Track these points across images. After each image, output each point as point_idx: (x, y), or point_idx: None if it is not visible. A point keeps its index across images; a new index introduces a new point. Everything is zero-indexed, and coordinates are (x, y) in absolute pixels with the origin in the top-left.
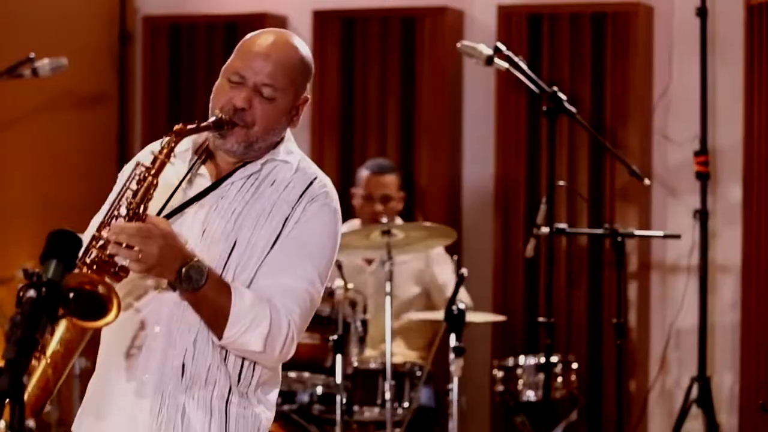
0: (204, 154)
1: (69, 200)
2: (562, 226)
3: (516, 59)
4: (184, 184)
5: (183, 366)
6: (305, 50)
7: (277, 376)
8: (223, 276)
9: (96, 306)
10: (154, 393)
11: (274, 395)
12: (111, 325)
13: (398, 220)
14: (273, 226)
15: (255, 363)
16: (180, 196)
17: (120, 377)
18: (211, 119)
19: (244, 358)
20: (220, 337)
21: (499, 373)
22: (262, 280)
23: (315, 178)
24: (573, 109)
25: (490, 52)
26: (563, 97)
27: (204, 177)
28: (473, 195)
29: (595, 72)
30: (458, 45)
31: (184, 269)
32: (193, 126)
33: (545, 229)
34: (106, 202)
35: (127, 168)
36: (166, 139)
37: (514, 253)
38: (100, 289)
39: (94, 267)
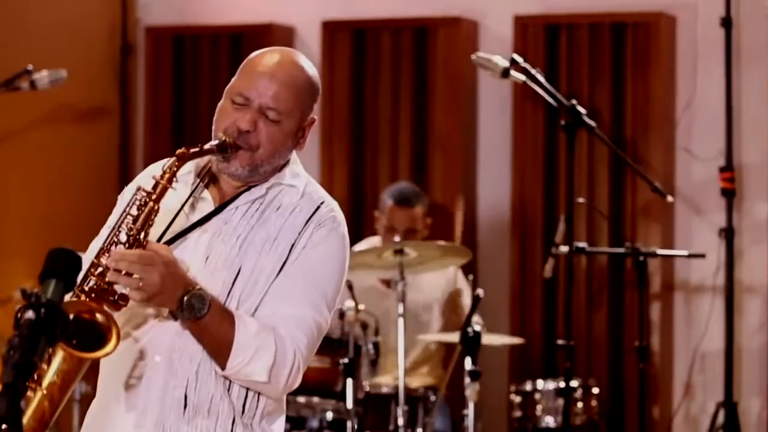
0: (207, 178)
1: (68, 217)
2: (582, 245)
3: (533, 71)
4: (186, 209)
5: (185, 397)
6: (312, 70)
7: (282, 405)
8: (227, 304)
9: (94, 336)
10: (155, 425)
11: (279, 425)
12: (110, 356)
13: None
14: (279, 252)
15: (259, 393)
16: (182, 221)
17: (119, 409)
18: (215, 142)
19: (248, 388)
20: (223, 368)
21: (517, 398)
22: (267, 308)
23: (322, 203)
24: (592, 123)
25: (506, 64)
26: (582, 110)
27: (207, 201)
28: (489, 213)
29: (616, 84)
30: (473, 57)
31: (185, 298)
32: (197, 149)
33: (564, 248)
34: (105, 226)
35: (127, 191)
36: (168, 163)
37: (532, 273)
38: (99, 318)
39: (93, 295)
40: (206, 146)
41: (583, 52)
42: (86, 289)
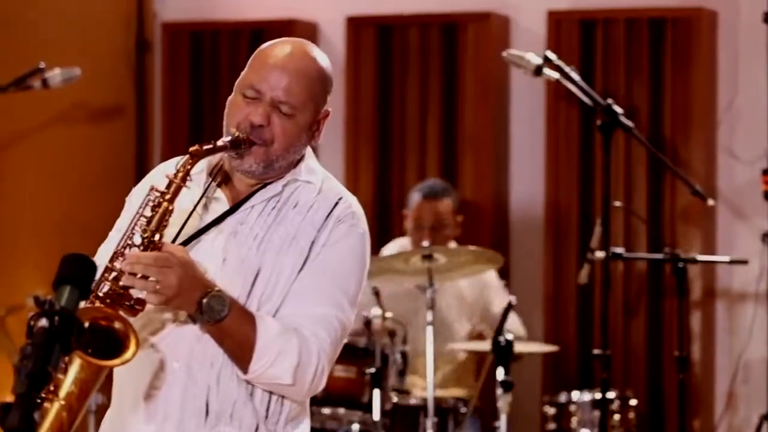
0: (219, 176)
1: (83, 221)
2: (619, 250)
3: (567, 69)
4: (199, 209)
5: (206, 404)
6: (324, 61)
7: (306, 409)
8: (247, 306)
9: (112, 343)
10: None
11: (304, 429)
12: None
13: (451, 244)
14: (298, 251)
15: (283, 397)
16: (195, 222)
17: (138, 418)
18: (228, 138)
19: (271, 393)
20: (245, 371)
21: (551, 410)
22: (289, 309)
23: (340, 199)
24: (630, 124)
25: (539, 61)
26: (619, 110)
27: (221, 201)
28: (521, 216)
29: (654, 83)
30: (504, 54)
31: (204, 300)
32: (210, 146)
33: (600, 254)
34: (114, 229)
35: (135, 194)
36: (182, 161)
37: (567, 280)
38: (116, 324)
39: (108, 300)
40: (220, 143)
41: (619, 49)
42: (101, 294)
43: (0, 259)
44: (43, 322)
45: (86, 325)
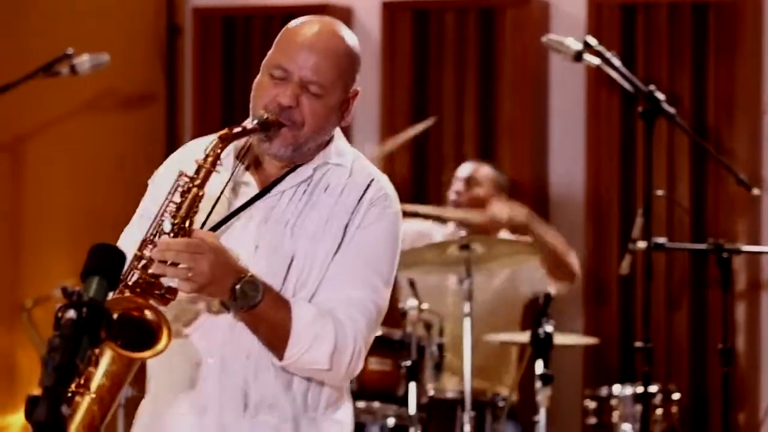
0: (247, 159)
1: (112, 211)
2: (661, 240)
3: (608, 55)
4: (227, 193)
5: (245, 395)
6: (352, 39)
7: (346, 393)
8: (282, 293)
9: (144, 334)
10: (216, 427)
11: (346, 412)
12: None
13: (503, 233)
14: (332, 236)
15: (322, 383)
16: (223, 207)
17: (175, 411)
18: (256, 120)
19: (309, 380)
20: (281, 358)
21: (592, 404)
22: (323, 293)
23: (372, 180)
24: (672, 111)
25: (579, 46)
26: (661, 96)
27: (250, 185)
28: (561, 206)
29: (697, 69)
30: (543, 39)
31: (238, 286)
32: (240, 130)
33: (642, 244)
34: (136, 214)
35: (159, 174)
36: (211, 145)
37: (608, 270)
38: (148, 314)
39: (138, 290)
40: (249, 126)
41: (662, 34)
42: (130, 284)
43: (27, 249)
44: (71, 313)
45: (116, 316)
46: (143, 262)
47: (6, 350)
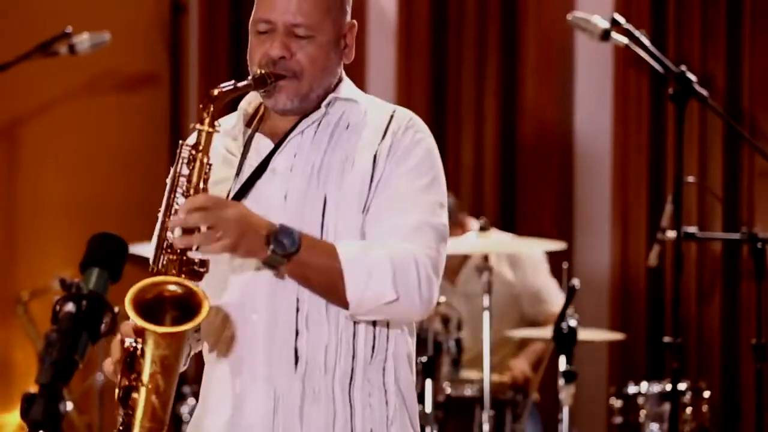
0: (257, 123)
1: (112, 198)
2: (692, 230)
3: (637, 33)
4: (245, 158)
5: (295, 351)
6: None
7: (411, 349)
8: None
9: (182, 310)
10: (265, 388)
11: (409, 373)
12: (210, 322)
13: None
14: (362, 169)
15: (388, 334)
16: (245, 173)
17: (222, 376)
18: (250, 77)
19: (375, 331)
20: (345, 305)
21: (617, 403)
22: (371, 228)
23: (394, 111)
24: (704, 92)
25: (606, 25)
26: (693, 77)
27: (264, 142)
28: (587, 194)
29: (731, 48)
30: (569, 17)
31: (271, 236)
32: (231, 87)
33: (671, 234)
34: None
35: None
36: (202, 107)
37: (635, 261)
38: (179, 290)
39: (172, 271)
40: (241, 83)
41: (694, 11)
42: (160, 267)
43: (23, 238)
44: (70, 306)
45: (152, 299)
46: (166, 242)
47: (1, 345)
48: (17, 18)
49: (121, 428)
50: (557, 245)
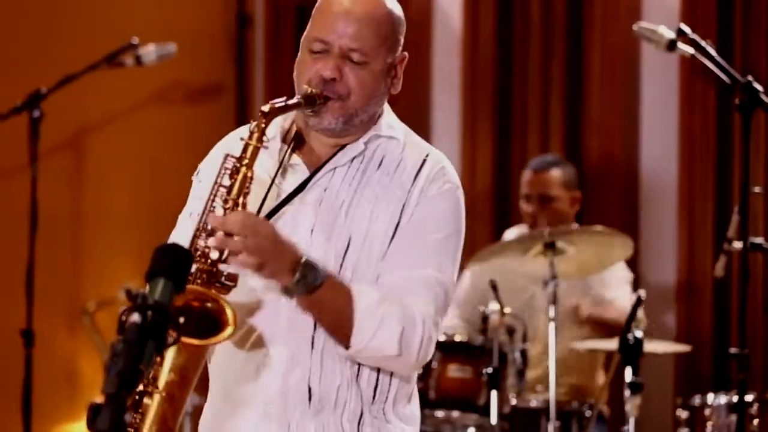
0: (293, 142)
1: (178, 209)
2: (759, 240)
3: (703, 43)
4: (277, 179)
5: (309, 389)
6: (392, 2)
7: (414, 388)
8: (341, 277)
9: (208, 324)
10: (279, 423)
11: (415, 407)
12: (223, 347)
13: (573, 225)
14: (390, 215)
15: (391, 376)
16: (274, 193)
17: (237, 409)
18: (300, 95)
19: (379, 372)
20: (347, 346)
21: (684, 414)
22: (386, 275)
23: (428, 155)
24: None
25: (672, 35)
26: (759, 88)
27: (299, 167)
28: (653, 203)
29: None
30: (634, 27)
31: (298, 268)
32: (282, 104)
33: (738, 244)
34: (183, 213)
35: (202, 171)
36: (254, 122)
37: (701, 272)
38: (210, 304)
39: (199, 281)
40: (292, 100)
41: (761, 22)
42: (190, 276)
43: (90, 249)
44: (136, 317)
45: (180, 307)
46: (199, 252)
47: (68, 356)
48: (84, 29)
49: None
50: (624, 250)
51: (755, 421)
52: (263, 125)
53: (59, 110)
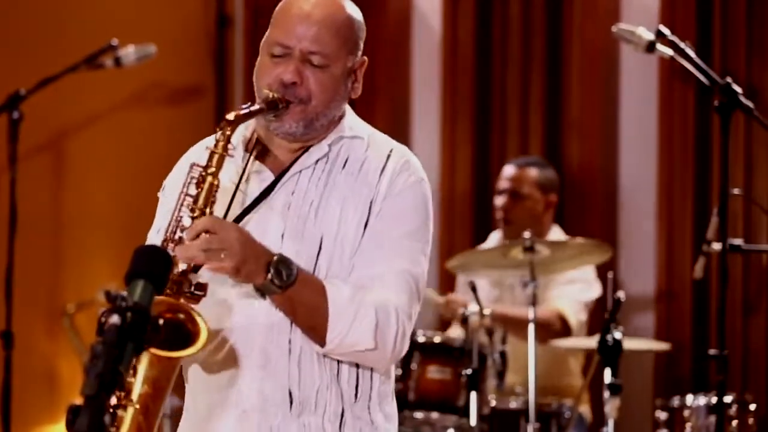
0: (255, 149)
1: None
2: (738, 242)
3: (682, 45)
4: (242, 185)
5: (290, 394)
6: (351, 7)
7: (391, 387)
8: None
9: (180, 335)
10: (260, 428)
11: (393, 405)
12: (198, 356)
13: (555, 232)
14: (359, 213)
15: (372, 375)
16: (240, 200)
17: (218, 416)
18: (262, 100)
19: (359, 372)
20: (322, 343)
21: (663, 415)
22: (357, 271)
23: (392, 150)
24: (750, 104)
25: (651, 36)
26: (738, 89)
27: (264, 173)
28: (631, 205)
29: None
30: (614, 29)
31: (271, 265)
32: (246, 111)
33: (717, 246)
34: (152, 230)
35: (168, 186)
36: (219, 131)
37: (680, 273)
38: (181, 315)
39: (168, 291)
40: (255, 106)
41: (739, 23)
42: None
43: (69, 251)
44: (115, 318)
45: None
46: None
47: (47, 357)
48: (63, 31)
49: None
50: (602, 256)
51: (734, 423)
52: (228, 133)
53: (38, 112)
